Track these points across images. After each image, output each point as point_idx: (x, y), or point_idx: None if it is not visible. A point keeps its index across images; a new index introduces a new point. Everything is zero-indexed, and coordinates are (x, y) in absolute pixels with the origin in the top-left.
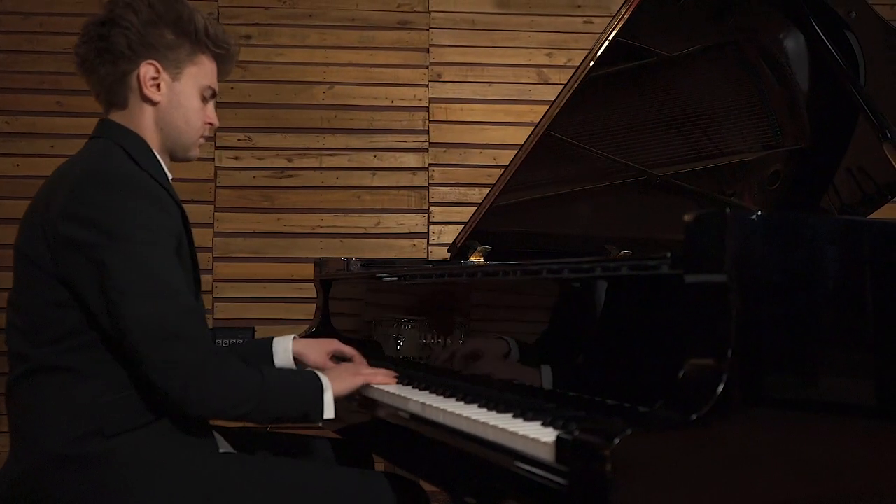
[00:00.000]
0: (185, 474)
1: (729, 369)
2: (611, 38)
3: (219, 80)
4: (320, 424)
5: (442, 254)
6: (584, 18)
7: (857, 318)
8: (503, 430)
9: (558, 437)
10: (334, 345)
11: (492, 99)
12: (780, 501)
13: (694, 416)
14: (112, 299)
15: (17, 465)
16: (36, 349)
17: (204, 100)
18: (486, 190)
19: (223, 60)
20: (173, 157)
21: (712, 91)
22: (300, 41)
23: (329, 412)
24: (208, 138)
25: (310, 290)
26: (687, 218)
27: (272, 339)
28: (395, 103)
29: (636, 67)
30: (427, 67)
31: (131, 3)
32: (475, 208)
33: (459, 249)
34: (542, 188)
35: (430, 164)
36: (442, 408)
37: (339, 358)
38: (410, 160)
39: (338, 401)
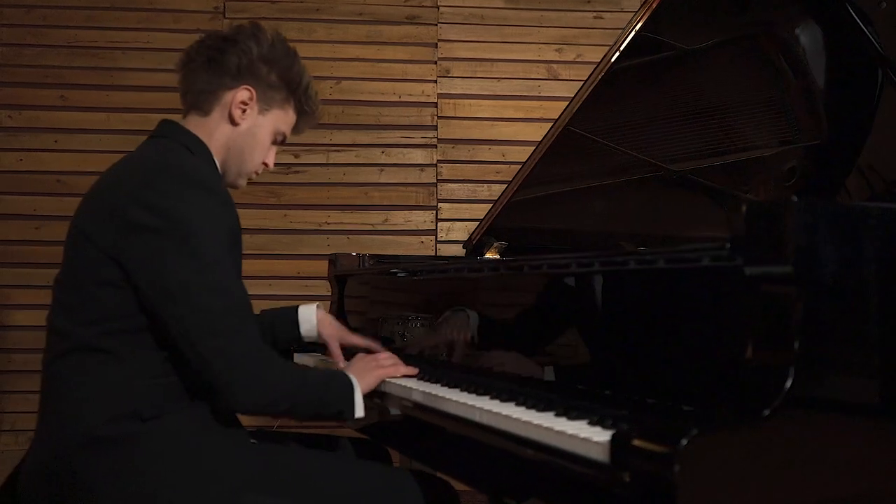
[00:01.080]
0: (217, 461)
1: (796, 363)
2: (637, 28)
3: (291, 134)
4: (348, 424)
5: (450, 251)
6: (595, 14)
7: None
8: (549, 429)
9: (613, 437)
10: (349, 338)
11: (501, 95)
12: (842, 496)
13: (766, 412)
14: (166, 286)
15: (47, 447)
16: (78, 327)
17: (274, 142)
18: (495, 186)
19: (304, 119)
20: (222, 180)
21: (729, 85)
22: (307, 35)
23: (360, 411)
24: None
25: (316, 288)
26: (747, 206)
27: (297, 308)
28: (403, 99)
29: (654, 61)
30: (435, 63)
31: (257, 35)
32: (485, 204)
33: (475, 246)
34: (557, 184)
35: (439, 161)
36: (479, 406)
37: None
38: (418, 156)
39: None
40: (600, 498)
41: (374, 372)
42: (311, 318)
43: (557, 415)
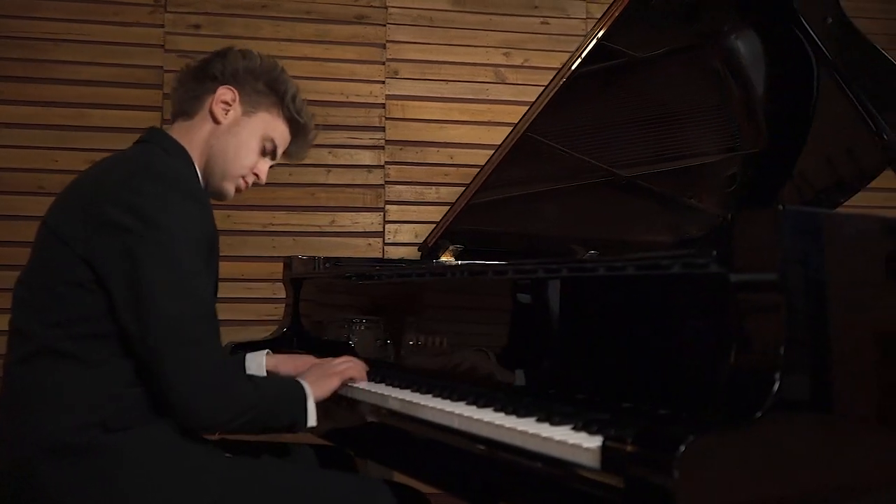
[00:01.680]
0: (187, 476)
1: (783, 367)
2: (599, 36)
3: (287, 152)
4: (302, 432)
5: (398, 253)
6: (541, 19)
7: None
8: (535, 435)
9: (604, 443)
10: (309, 361)
11: (449, 97)
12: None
13: (759, 414)
14: (138, 289)
15: (6, 453)
16: (44, 329)
17: (263, 151)
18: (443, 189)
19: (295, 130)
20: (206, 185)
21: (678, 93)
22: (253, 32)
23: (312, 420)
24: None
25: (260, 290)
26: (735, 214)
27: (244, 355)
28: (350, 99)
29: (608, 68)
30: (384, 63)
31: (246, 54)
32: (433, 207)
33: (431, 248)
34: (511, 187)
35: (387, 162)
36: (458, 413)
37: None
38: (366, 157)
39: (318, 406)
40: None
41: (329, 379)
42: (260, 362)
43: (539, 420)
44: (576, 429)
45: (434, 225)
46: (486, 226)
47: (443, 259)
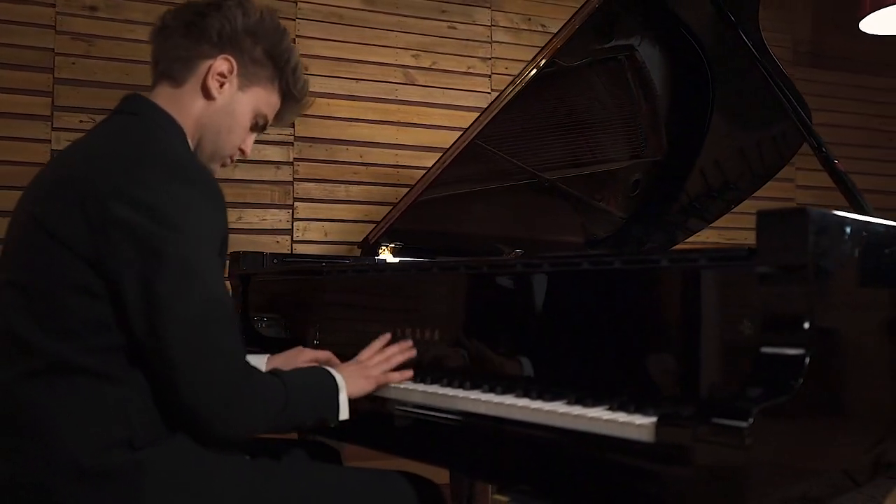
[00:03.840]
0: (214, 485)
1: (811, 345)
2: (558, 47)
3: (272, 123)
4: (332, 426)
5: (307, 251)
6: (449, 24)
7: None
8: (580, 416)
9: (660, 419)
10: (306, 354)
11: (359, 96)
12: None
13: (800, 381)
14: (153, 297)
15: (22, 476)
16: (55, 342)
17: (254, 126)
18: (353, 187)
19: (289, 105)
20: None
21: (595, 103)
22: (155, 18)
23: (344, 413)
24: (44, 116)
25: None
26: (764, 213)
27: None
28: None
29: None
30: None
31: (244, 5)
32: (343, 205)
33: (371, 246)
34: (448, 188)
35: (296, 159)
36: (509, 403)
37: None
38: (275, 153)
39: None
40: (636, 482)
41: (365, 381)
42: (260, 366)
43: (569, 403)
44: (611, 409)
45: (346, 223)
46: (422, 225)
47: (382, 256)
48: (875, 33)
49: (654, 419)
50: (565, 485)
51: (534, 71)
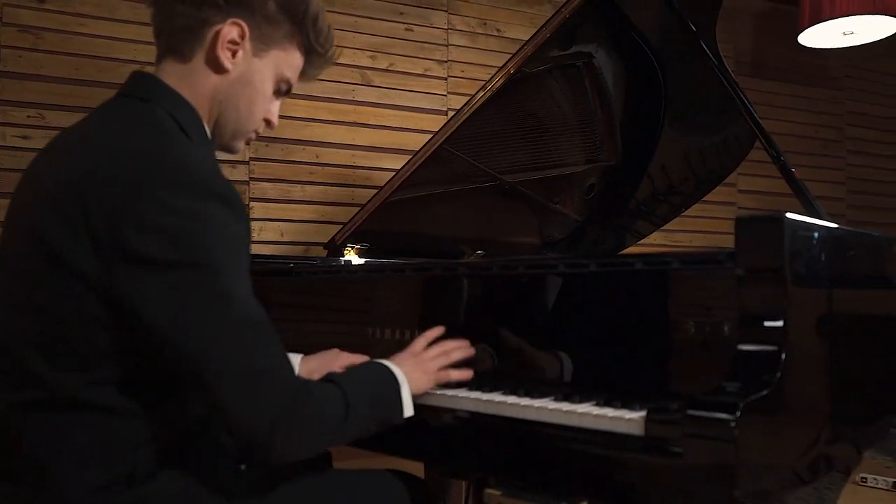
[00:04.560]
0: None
1: (786, 343)
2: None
3: (298, 82)
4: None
5: (263, 251)
6: (406, 26)
7: (871, 308)
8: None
9: (649, 413)
10: (343, 359)
11: (316, 96)
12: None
13: (778, 375)
14: (185, 325)
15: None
16: (58, 373)
17: (277, 92)
18: (308, 188)
19: (312, 62)
20: (213, 143)
21: (555, 108)
22: (107, 13)
23: (409, 410)
24: None
25: None
26: (742, 219)
27: None
28: None
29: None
30: None
31: None
32: (299, 205)
33: (337, 247)
34: (416, 189)
35: (252, 158)
36: (498, 401)
37: None
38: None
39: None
40: (624, 474)
41: (428, 377)
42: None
43: (556, 400)
44: (598, 405)
45: (302, 223)
46: (387, 226)
47: (348, 257)
48: (812, 46)
49: (643, 413)
50: (556, 478)
51: (503, 79)
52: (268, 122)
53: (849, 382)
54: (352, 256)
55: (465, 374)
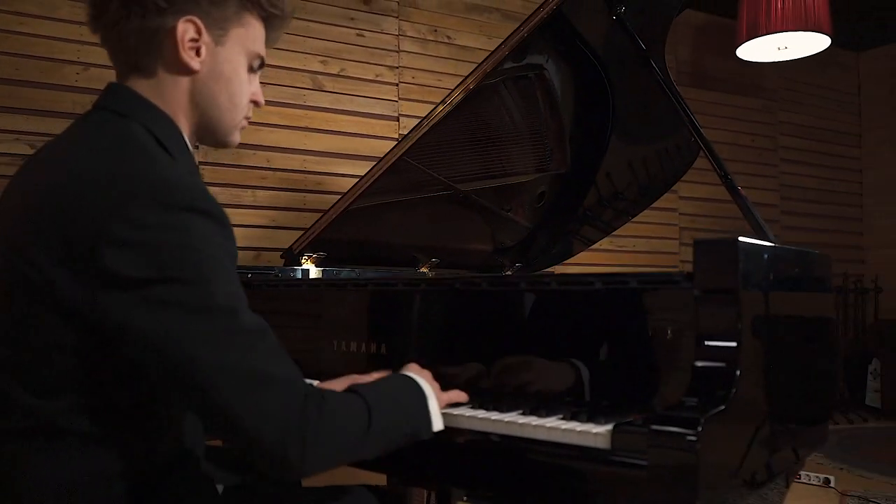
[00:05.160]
0: None
1: (742, 359)
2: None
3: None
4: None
5: None
6: (357, 31)
7: (806, 320)
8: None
9: (616, 427)
10: (363, 379)
11: (267, 100)
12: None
13: (734, 391)
14: (177, 353)
15: None
16: (37, 400)
17: (251, 70)
18: (260, 192)
19: (273, 25)
20: (206, 142)
21: (507, 118)
22: (49, 12)
23: (438, 423)
24: None
25: None
26: (699, 242)
27: None
28: None
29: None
30: None
31: None
32: (249, 210)
33: (296, 255)
34: (373, 198)
35: (201, 163)
36: (468, 415)
37: None
38: None
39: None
40: (614, 481)
41: (441, 395)
42: None
43: (524, 414)
44: (564, 418)
45: (252, 229)
46: (343, 234)
47: (304, 266)
48: (750, 60)
49: (609, 427)
50: (523, 488)
51: (462, 94)
52: (255, 103)
53: (790, 390)
54: (309, 265)
55: (462, 395)
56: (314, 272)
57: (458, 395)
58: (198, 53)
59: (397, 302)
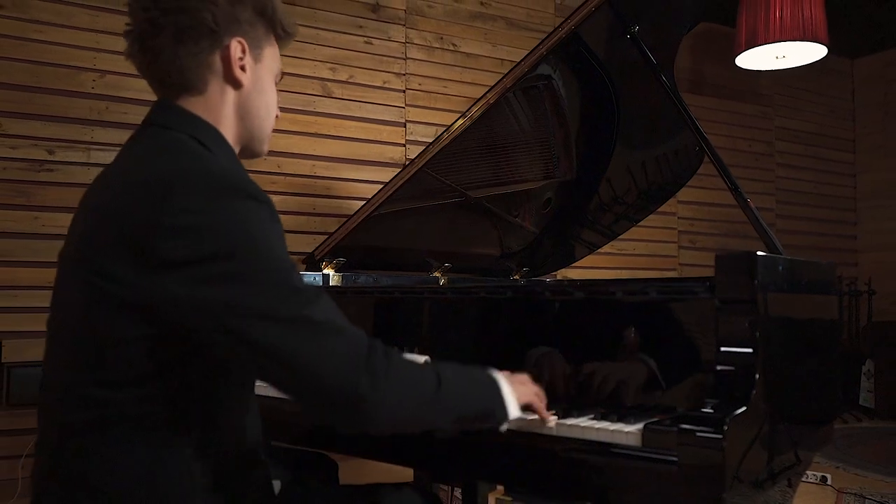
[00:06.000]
0: None
1: (761, 363)
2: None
3: None
4: (502, 429)
5: None
6: (365, 39)
7: (815, 325)
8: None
9: (646, 427)
10: None
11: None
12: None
13: (754, 393)
14: (245, 315)
15: None
16: (108, 391)
17: (275, 85)
18: (271, 198)
19: (282, 45)
20: (244, 154)
21: (517, 127)
22: (65, 20)
23: (515, 409)
24: None
25: None
26: (720, 256)
27: None
28: None
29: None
30: None
31: None
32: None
33: (317, 261)
34: (387, 205)
35: None
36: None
37: None
38: None
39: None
40: (646, 476)
41: (529, 393)
42: None
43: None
44: (595, 418)
45: None
46: (361, 241)
47: (326, 271)
48: (748, 68)
49: (639, 426)
50: (560, 485)
51: (483, 109)
52: (276, 116)
53: (803, 391)
54: (329, 271)
55: (542, 394)
56: (334, 278)
57: (541, 393)
58: (244, 70)
59: (422, 309)
